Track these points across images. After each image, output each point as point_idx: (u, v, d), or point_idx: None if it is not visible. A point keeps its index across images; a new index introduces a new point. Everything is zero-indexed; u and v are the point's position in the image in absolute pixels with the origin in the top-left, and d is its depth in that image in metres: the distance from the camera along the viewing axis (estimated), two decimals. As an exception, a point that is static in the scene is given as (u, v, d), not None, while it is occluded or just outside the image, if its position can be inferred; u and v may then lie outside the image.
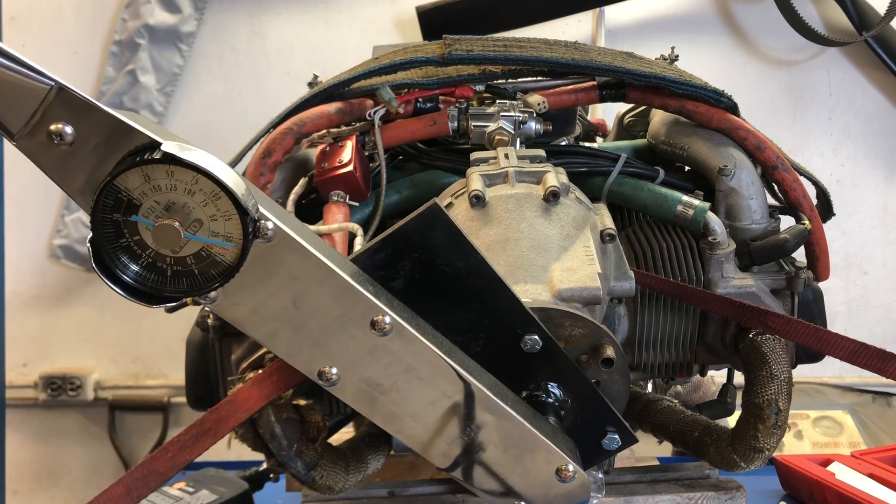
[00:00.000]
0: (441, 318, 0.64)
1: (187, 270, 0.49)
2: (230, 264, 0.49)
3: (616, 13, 2.09)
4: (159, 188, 0.47)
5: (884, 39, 1.99)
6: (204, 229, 0.48)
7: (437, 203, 0.61)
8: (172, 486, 1.27)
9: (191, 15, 2.05)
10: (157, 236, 0.48)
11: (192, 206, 0.47)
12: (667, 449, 1.46)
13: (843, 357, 0.78)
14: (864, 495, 1.16)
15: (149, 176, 0.47)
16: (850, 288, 2.17)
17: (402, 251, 0.62)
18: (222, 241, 0.49)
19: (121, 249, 0.49)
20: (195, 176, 0.47)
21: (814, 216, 0.99)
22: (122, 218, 0.48)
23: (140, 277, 0.50)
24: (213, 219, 0.48)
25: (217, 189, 0.47)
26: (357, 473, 0.86)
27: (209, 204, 0.47)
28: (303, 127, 0.94)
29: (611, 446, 0.69)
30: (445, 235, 0.62)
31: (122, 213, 0.48)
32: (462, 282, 0.64)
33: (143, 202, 0.47)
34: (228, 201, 0.47)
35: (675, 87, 0.99)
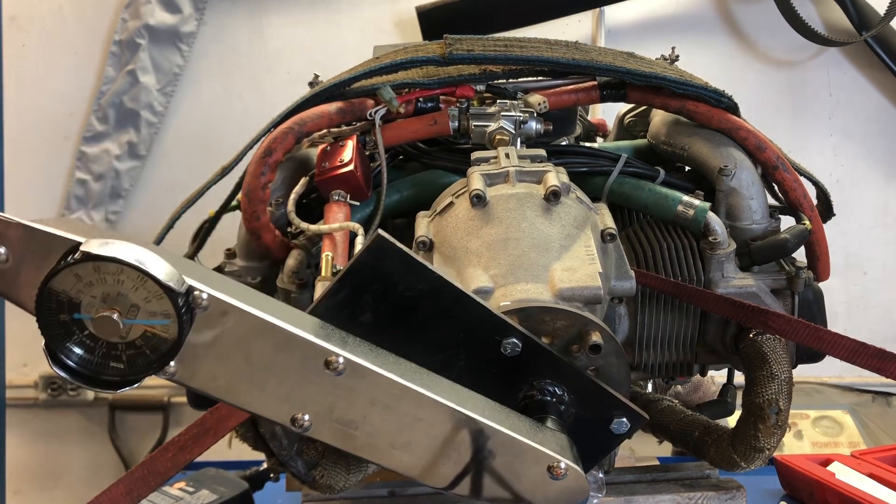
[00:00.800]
0: (418, 341, 0.65)
1: (140, 353, 0.53)
2: (174, 340, 0.52)
3: (616, 13, 2.09)
4: (91, 284, 0.51)
5: (884, 39, 1.99)
6: (142, 312, 0.52)
7: (380, 233, 0.62)
8: (172, 486, 1.27)
9: (191, 15, 2.05)
10: (98, 328, 0.52)
11: (126, 294, 0.51)
12: (667, 449, 1.46)
13: (842, 357, 0.78)
14: (864, 495, 1.16)
15: (79, 275, 0.51)
16: (850, 288, 2.17)
17: (360, 287, 0.64)
18: (160, 319, 0.52)
19: (76, 346, 0.53)
20: (119, 267, 0.50)
21: (814, 216, 0.99)
22: (67, 318, 0.52)
23: (100, 367, 0.54)
24: (146, 301, 0.51)
25: (141, 274, 0.50)
26: (357, 473, 0.86)
27: (139, 288, 0.51)
28: (303, 126, 0.94)
29: (620, 430, 0.68)
30: (398, 262, 0.64)
31: (66, 312, 0.52)
32: (427, 302, 0.65)
33: (81, 299, 0.51)
34: (154, 283, 0.51)
35: (676, 88, 0.99)
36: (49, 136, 2.10)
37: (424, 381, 0.60)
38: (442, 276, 0.64)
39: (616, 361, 0.70)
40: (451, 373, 0.66)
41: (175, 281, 0.51)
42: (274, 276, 0.95)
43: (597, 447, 0.69)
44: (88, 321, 0.52)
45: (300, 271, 0.90)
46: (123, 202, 2.13)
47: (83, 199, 2.11)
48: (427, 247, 0.80)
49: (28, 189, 2.10)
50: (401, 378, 0.58)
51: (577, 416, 0.67)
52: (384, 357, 0.60)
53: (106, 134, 2.09)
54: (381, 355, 0.60)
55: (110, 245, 0.51)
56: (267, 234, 0.93)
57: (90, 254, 0.50)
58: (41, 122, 2.10)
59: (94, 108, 2.08)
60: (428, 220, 0.86)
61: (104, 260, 0.50)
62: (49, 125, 2.10)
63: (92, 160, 2.09)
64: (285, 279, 0.90)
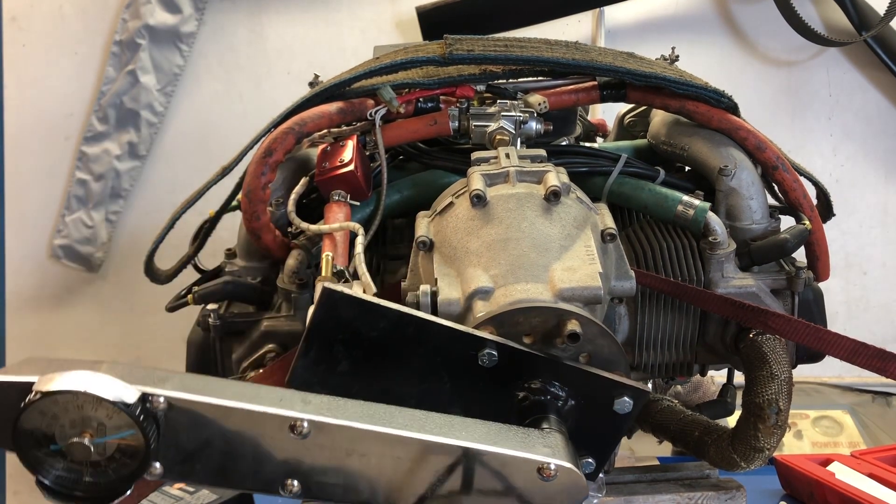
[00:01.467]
0: (400, 375, 0.67)
1: (122, 463, 0.56)
2: (144, 445, 0.55)
3: (616, 13, 2.09)
4: (56, 415, 0.55)
5: (883, 39, 1.99)
6: (109, 428, 0.55)
7: (326, 286, 0.65)
8: (172, 486, 1.27)
9: (191, 15, 2.05)
10: (72, 453, 0.55)
11: (90, 415, 0.54)
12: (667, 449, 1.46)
13: (842, 357, 0.78)
14: (864, 495, 1.16)
15: (42, 412, 0.54)
16: (850, 288, 2.17)
17: (325, 341, 0.66)
18: (125, 431, 0.55)
19: (66, 473, 0.56)
20: (73, 395, 0.54)
21: (814, 216, 0.99)
22: (46, 451, 0.56)
23: (94, 488, 0.57)
24: (109, 417, 0.54)
25: (94, 397, 0.54)
26: (358, 473, 0.86)
27: (98, 409, 0.54)
28: (304, 126, 0.94)
29: (624, 409, 0.67)
30: (351, 308, 0.65)
31: (44, 446, 0.55)
32: (394, 337, 0.66)
33: (54, 431, 0.55)
34: (108, 402, 0.54)
35: (676, 88, 0.99)
36: (49, 136, 2.10)
37: (390, 420, 0.61)
38: (398, 308, 0.66)
39: (604, 342, 0.68)
40: (441, 396, 0.67)
41: (125, 395, 0.55)
42: (274, 276, 0.95)
43: (608, 432, 0.68)
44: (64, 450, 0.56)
45: (300, 271, 0.90)
46: (123, 202, 2.13)
47: (83, 199, 2.11)
48: (427, 247, 0.80)
49: (28, 189, 2.10)
50: (363, 423, 0.59)
51: (579, 407, 0.67)
52: (349, 407, 0.61)
53: (106, 134, 2.09)
54: (345, 406, 0.61)
55: (60, 378, 0.55)
56: (267, 234, 0.93)
57: (44, 392, 0.55)
58: (41, 122, 2.10)
59: (94, 109, 2.08)
60: (428, 220, 0.86)
61: (56, 394, 0.54)
62: (49, 125, 2.10)
63: (92, 160, 2.09)
64: (285, 279, 0.91)
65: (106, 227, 2.12)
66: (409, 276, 0.85)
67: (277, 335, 0.89)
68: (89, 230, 2.11)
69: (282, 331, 0.89)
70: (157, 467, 0.58)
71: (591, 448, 0.69)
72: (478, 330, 0.67)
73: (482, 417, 0.66)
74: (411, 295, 0.76)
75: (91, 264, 2.14)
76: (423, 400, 0.68)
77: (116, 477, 0.57)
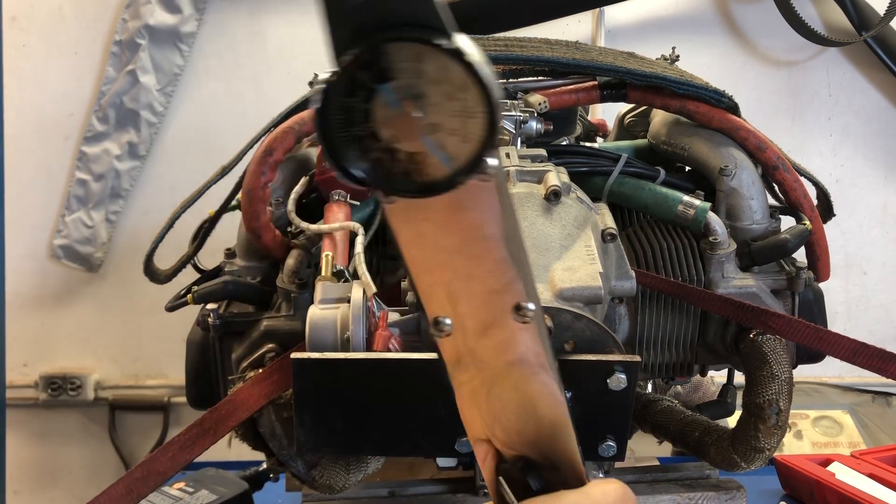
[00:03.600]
0: (398, 419, 0.68)
1: (391, 166, 0.44)
2: (429, 182, 0.43)
3: (616, 13, 2.09)
4: (422, 73, 0.41)
5: (883, 39, 1.99)
6: (435, 136, 0.42)
7: (293, 357, 0.65)
8: (172, 486, 1.27)
9: (191, 15, 2.05)
10: (399, 122, 0.42)
11: (440, 111, 0.42)
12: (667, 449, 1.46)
13: (843, 357, 0.78)
14: (864, 495, 1.16)
15: (421, 55, 0.41)
16: (850, 288, 2.17)
17: (315, 404, 0.67)
18: (446, 158, 0.43)
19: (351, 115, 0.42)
20: (467, 83, 0.41)
21: (814, 216, 0.99)
22: (368, 80, 0.42)
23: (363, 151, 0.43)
24: (451, 132, 0.42)
25: (479, 109, 0.41)
26: (357, 473, 0.86)
27: (458, 117, 0.42)
28: (304, 126, 0.94)
29: (619, 386, 0.65)
30: (325, 370, 0.66)
31: (376, 80, 0.42)
32: (377, 383, 0.67)
33: (398, 78, 0.41)
34: (480, 125, 0.41)
35: (676, 88, 0.99)
36: (49, 136, 2.10)
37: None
38: (368, 356, 0.67)
39: (581, 324, 0.67)
40: (444, 422, 0.67)
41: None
42: (274, 276, 0.94)
43: (615, 411, 0.67)
44: (384, 103, 0.42)
45: (300, 271, 0.90)
46: (123, 202, 2.13)
47: (83, 199, 2.11)
48: None
49: (28, 189, 2.10)
50: None
51: (577, 397, 0.66)
52: None
53: (106, 134, 2.09)
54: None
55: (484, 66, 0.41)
56: (267, 233, 0.93)
57: (467, 61, 0.40)
58: (41, 122, 2.10)
59: (94, 109, 2.08)
60: (428, 220, 0.86)
61: (475, 78, 0.41)
62: (49, 125, 2.10)
63: (92, 160, 2.09)
64: (285, 279, 0.90)
65: (106, 227, 2.12)
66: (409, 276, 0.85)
67: (277, 335, 0.89)
68: (89, 230, 2.11)
69: (282, 330, 0.89)
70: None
71: (607, 430, 0.68)
72: None
73: None
74: (411, 295, 0.76)
75: (91, 264, 2.14)
76: (428, 432, 0.69)
77: (375, 170, 0.43)
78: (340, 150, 0.43)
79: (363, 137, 0.43)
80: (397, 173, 0.43)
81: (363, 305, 0.72)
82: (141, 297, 2.11)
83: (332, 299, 0.75)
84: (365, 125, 0.42)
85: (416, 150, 0.42)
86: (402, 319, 0.76)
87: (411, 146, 0.42)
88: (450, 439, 0.69)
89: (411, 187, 0.43)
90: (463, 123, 0.41)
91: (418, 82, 0.41)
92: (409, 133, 0.42)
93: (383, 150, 0.43)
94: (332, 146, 0.43)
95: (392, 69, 0.41)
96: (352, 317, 0.71)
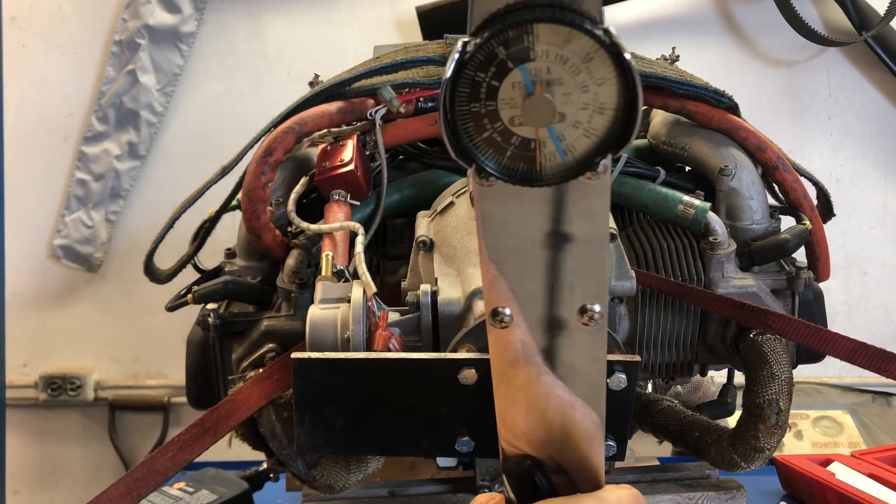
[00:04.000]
0: (396, 416, 0.68)
1: (502, 149, 0.42)
2: (537, 172, 0.42)
3: (616, 13, 2.09)
4: (564, 60, 0.39)
5: (884, 39, 1.99)
6: (559, 126, 0.41)
7: (294, 356, 0.65)
8: (172, 486, 1.27)
9: (191, 15, 2.05)
10: (528, 105, 0.40)
11: (573, 101, 0.40)
12: (667, 449, 1.46)
13: (843, 357, 0.78)
14: (864, 495, 1.16)
15: (569, 40, 0.39)
16: (850, 288, 2.17)
17: (312, 406, 0.67)
18: (563, 150, 0.41)
19: (475, 86, 0.41)
20: (608, 77, 0.39)
21: (814, 216, 0.99)
22: (505, 56, 0.40)
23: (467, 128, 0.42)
24: (575, 125, 0.41)
25: (611, 106, 0.40)
26: (357, 472, 0.86)
27: (587, 110, 0.40)
28: (304, 126, 0.94)
29: (620, 386, 0.64)
30: (324, 369, 0.66)
31: (515, 58, 0.40)
32: (376, 383, 0.67)
33: (536, 60, 0.39)
34: (607, 122, 0.40)
35: (676, 88, 0.99)
36: (49, 136, 2.10)
37: None
38: (368, 356, 0.66)
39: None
40: (443, 423, 0.68)
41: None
42: (274, 276, 0.95)
43: (616, 412, 0.66)
44: (518, 84, 0.40)
45: (300, 271, 0.90)
46: (123, 202, 2.13)
47: (83, 199, 2.11)
48: (427, 246, 0.80)
49: (28, 189, 2.10)
50: None
51: None
52: None
53: (106, 134, 2.09)
54: None
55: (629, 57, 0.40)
56: (267, 233, 0.93)
57: (621, 55, 0.39)
58: (41, 122, 2.10)
59: (94, 109, 2.08)
60: (428, 220, 0.86)
61: (628, 74, 0.39)
62: (49, 125, 2.10)
63: (92, 160, 2.09)
64: (285, 279, 0.90)
65: (106, 227, 2.12)
66: (409, 276, 0.85)
67: (277, 335, 0.89)
68: (89, 230, 2.11)
69: (282, 330, 0.89)
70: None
71: (607, 430, 0.67)
72: (456, 349, 0.68)
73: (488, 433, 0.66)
74: (411, 294, 0.76)
75: (91, 264, 2.14)
76: (428, 431, 0.69)
77: (484, 150, 0.42)
78: (456, 122, 0.41)
79: (482, 115, 0.41)
80: (506, 157, 0.42)
81: (363, 305, 0.72)
82: (141, 297, 2.11)
83: (333, 299, 0.75)
84: (488, 102, 0.41)
85: (531, 137, 0.41)
86: (402, 319, 0.76)
87: (529, 132, 0.41)
88: (450, 439, 0.69)
89: (517, 174, 0.42)
90: (590, 117, 0.40)
91: (558, 67, 0.40)
92: (531, 118, 0.40)
93: (499, 132, 0.41)
94: (451, 118, 0.41)
95: (534, 50, 0.39)
96: (352, 317, 0.71)
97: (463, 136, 0.41)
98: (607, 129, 0.40)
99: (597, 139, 0.41)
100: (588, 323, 0.46)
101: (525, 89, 0.40)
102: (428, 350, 0.75)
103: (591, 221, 0.44)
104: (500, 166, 0.42)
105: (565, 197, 0.43)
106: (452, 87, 0.40)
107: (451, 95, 0.40)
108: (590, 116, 0.40)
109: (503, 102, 0.41)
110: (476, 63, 0.40)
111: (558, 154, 0.41)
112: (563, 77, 0.40)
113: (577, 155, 0.41)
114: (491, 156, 0.42)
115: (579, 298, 0.46)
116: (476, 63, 0.40)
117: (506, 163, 0.42)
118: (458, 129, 0.41)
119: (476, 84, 0.40)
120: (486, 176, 0.43)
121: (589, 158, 0.41)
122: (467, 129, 0.41)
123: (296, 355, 0.66)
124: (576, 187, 0.42)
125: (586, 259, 0.45)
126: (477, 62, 0.40)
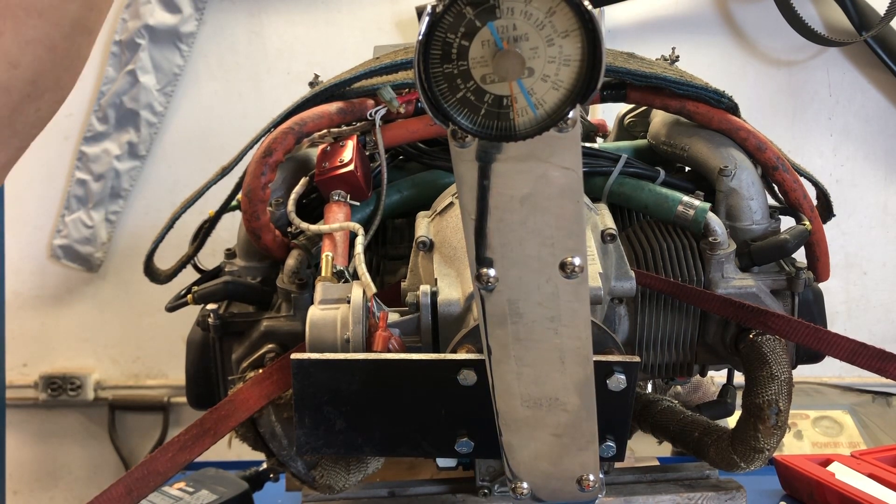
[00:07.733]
0: (396, 417, 0.68)
1: (476, 107, 0.44)
2: (513, 131, 0.43)
3: (616, 13, 2.09)
4: (529, 15, 0.42)
5: (884, 39, 1.99)
6: (528, 80, 0.43)
7: (294, 357, 0.65)
8: (172, 486, 1.27)
9: (191, 15, 2.05)
10: (498, 60, 0.42)
11: (539, 55, 0.42)
12: (667, 449, 1.46)
13: (843, 357, 0.78)
14: (864, 495, 1.16)
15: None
16: (850, 288, 2.17)
17: (312, 407, 0.67)
18: (534, 104, 0.43)
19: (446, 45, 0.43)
20: (572, 29, 0.41)
21: (814, 217, 0.99)
22: (473, 15, 0.42)
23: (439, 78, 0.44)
24: (543, 78, 0.43)
25: (576, 57, 0.42)
26: (357, 473, 0.86)
27: (554, 63, 0.42)
28: (304, 126, 0.94)
29: (619, 386, 0.65)
30: (324, 370, 0.66)
31: (482, 17, 0.42)
32: (375, 384, 0.67)
33: (502, 17, 0.42)
34: (573, 73, 0.42)
35: (676, 88, 0.99)
36: (49, 136, 2.09)
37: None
38: (367, 357, 0.66)
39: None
40: (442, 424, 0.68)
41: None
42: (274, 276, 0.95)
43: (615, 412, 0.67)
44: (486, 36, 0.42)
45: (300, 271, 0.90)
46: (123, 202, 2.13)
47: (83, 199, 2.11)
48: (427, 247, 0.80)
49: (28, 189, 2.10)
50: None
51: None
52: None
53: (106, 134, 2.09)
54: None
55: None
56: (267, 234, 0.93)
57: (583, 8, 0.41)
58: (41, 121, 2.10)
59: (94, 109, 2.08)
60: (428, 221, 0.86)
61: (589, 32, 0.41)
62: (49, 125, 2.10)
63: (92, 160, 2.09)
64: (285, 279, 0.90)
65: (106, 227, 2.12)
66: (409, 276, 0.85)
67: (277, 335, 0.89)
68: (89, 230, 2.11)
69: (282, 331, 0.89)
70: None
71: (607, 431, 0.68)
72: (456, 350, 0.68)
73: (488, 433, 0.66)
74: (411, 295, 0.76)
75: (91, 264, 2.14)
76: (428, 432, 0.69)
77: (459, 108, 0.44)
78: (431, 84, 0.43)
79: (455, 75, 0.43)
80: (481, 115, 0.44)
81: (363, 306, 0.72)
82: (141, 297, 2.11)
83: (332, 300, 0.75)
84: (459, 62, 0.43)
85: (504, 94, 0.43)
86: (402, 319, 0.76)
87: (501, 88, 0.43)
88: (450, 439, 0.69)
89: (492, 131, 0.44)
90: (557, 70, 0.42)
91: (523, 23, 0.42)
92: (502, 71, 0.42)
93: (472, 91, 0.43)
94: (425, 79, 0.43)
95: (500, 8, 0.41)
96: (352, 317, 0.71)
97: (438, 97, 0.43)
98: (574, 81, 0.43)
99: (565, 91, 0.43)
100: (570, 276, 0.47)
101: (494, 46, 0.42)
102: (428, 351, 0.75)
103: (564, 175, 0.46)
104: (475, 125, 0.44)
105: (540, 153, 0.45)
106: (425, 49, 0.42)
107: (424, 57, 0.43)
108: (557, 69, 0.43)
109: (474, 61, 0.43)
110: (446, 24, 0.42)
111: (530, 108, 0.43)
112: (529, 32, 0.42)
113: (548, 108, 0.43)
114: (466, 115, 0.44)
115: (559, 252, 0.48)
116: (446, 24, 0.42)
117: (480, 121, 0.44)
118: (433, 90, 0.43)
119: (447, 45, 0.42)
120: (462, 136, 0.44)
121: (559, 110, 0.43)
122: (442, 91, 0.43)
123: (295, 356, 0.66)
124: (548, 142, 0.44)
125: (562, 213, 0.47)
126: (447, 23, 0.42)
